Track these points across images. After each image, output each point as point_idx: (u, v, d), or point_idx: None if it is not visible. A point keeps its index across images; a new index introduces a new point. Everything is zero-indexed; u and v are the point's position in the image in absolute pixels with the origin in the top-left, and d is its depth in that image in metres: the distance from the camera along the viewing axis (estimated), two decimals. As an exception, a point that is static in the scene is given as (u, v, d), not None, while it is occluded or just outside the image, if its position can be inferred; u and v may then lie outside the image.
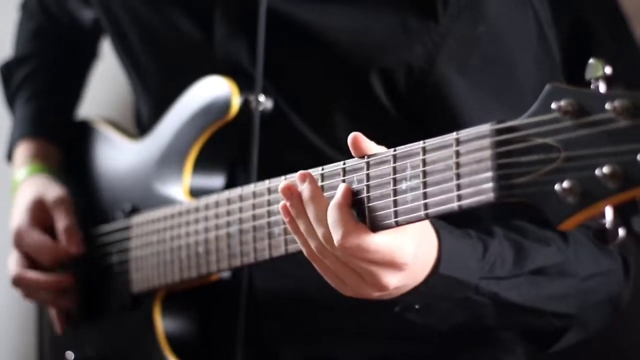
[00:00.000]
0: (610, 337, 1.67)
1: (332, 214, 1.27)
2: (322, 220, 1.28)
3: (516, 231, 1.50)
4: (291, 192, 1.31)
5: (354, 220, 1.27)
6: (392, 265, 1.28)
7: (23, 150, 1.98)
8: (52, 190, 1.86)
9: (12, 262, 1.84)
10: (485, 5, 1.53)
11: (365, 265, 1.27)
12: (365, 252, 1.26)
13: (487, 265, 1.43)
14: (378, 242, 1.26)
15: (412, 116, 1.56)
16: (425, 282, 1.35)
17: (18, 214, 1.86)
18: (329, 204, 1.28)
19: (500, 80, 1.54)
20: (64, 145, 1.99)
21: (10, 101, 2.09)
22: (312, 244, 1.30)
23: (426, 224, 1.32)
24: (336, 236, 1.26)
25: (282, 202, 1.32)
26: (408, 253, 1.28)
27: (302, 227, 1.31)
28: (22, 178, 1.93)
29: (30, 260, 1.83)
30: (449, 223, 1.40)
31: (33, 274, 1.82)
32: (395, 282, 1.29)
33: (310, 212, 1.29)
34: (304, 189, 1.30)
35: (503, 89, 1.54)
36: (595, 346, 1.61)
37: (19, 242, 1.84)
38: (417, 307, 1.41)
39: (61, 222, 1.82)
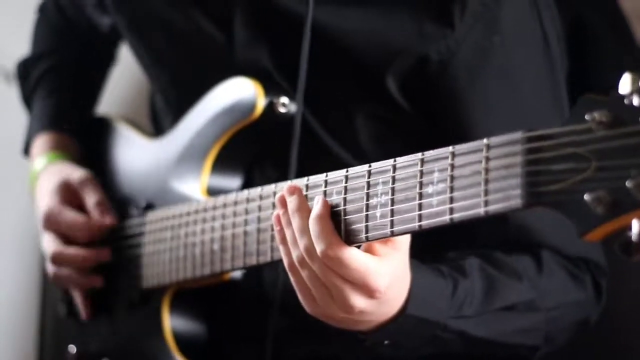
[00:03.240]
0: (610, 337, 1.67)
1: (314, 226, 1.31)
2: (305, 231, 1.32)
3: (492, 263, 1.52)
4: (284, 203, 1.35)
5: (336, 234, 1.30)
6: (365, 287, 1.30)
7: (41, 142, 1.98)
8: (77, 172, 1.86)
9: (48, 242, 1.82)
10: (500, 14, 1.54)
11: (338, 282, 1.30)
12: (342, 267, 1.29)
13: (456, 305, 1.46)
14: (357, 259, 1.29)
15: (429, 117, 1.57)
16: (393, 321, 1.38)
17: (45, 198, 1.85)
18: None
19: (508, 92, 1.56)
20: (82, 141, 1.99)
21: (27, 98, 2.08)
22: (294, 254, 1.34)
23: (406, 262, 1.35)
24: (320, 246, 1.29)
25: (275, 212, 1.36)
26: (383, 282, 1.30)
27: (288, 236, 1.34)
28: (41, 167, 1.93)
29: (65, 238, 1.82)
30: (426, 254, 1.43)
31: (73, 249, 1.80)
32: (362, 305, 1.32)
33: (295, 223, 1.33)
34: (291, 201, 1.34)
35: (510, 100, 1.56)
36: (595, 346, 1.62)
37: (52, 222, 1.82)
38: (386, 342, 1.43)
39: (91, 198, 1.82)
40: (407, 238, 1.33)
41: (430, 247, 1.52)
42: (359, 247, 1.32)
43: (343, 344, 1.64)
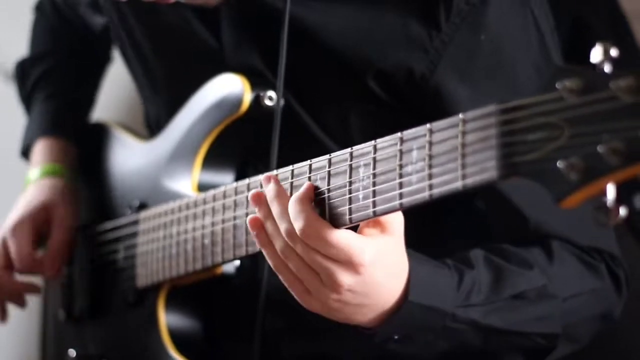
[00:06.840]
0: (610, 337, 1.67)
1: (292, 207, 1.33)
2: (285, 215, 1.33)
3: (499, 254, 1.52)
4: (259, 198, 1.37)
5: (315, 213, 1.32)
6: (349, 264, 1.31)
7: (40, 148, 2.00)
8: (65, 206, 1.90)
9: None
10: (486, 13, 1.54)
11: (322, 261, 1.31)
12: (324, 244, 1.30)
13: (463, 294, 1.45)
14: (337, 236, 1.30)
15: (420, 116, 1.58)
16: (397, 312, 1.38)
17: (23, 206, 1.88)
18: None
19: (500, 88, 1.55)
20: (79, 145, 2.01)
21: (26, 99, 2.11)
22: (278, 246, 1.35)
23: (398, 247, 1.35)
24: (297, 225, 1.31)
25: (249, 216, 1.38)
26: (366, 257, 1.31)
27: (269, 229, 1.36)
28: (35, 178, 1.95)
29: (8, 258, 1.87)
30: (431, 248, 1.44)
31: (8, 277, 1.88)
32: (349, 282, 1.32)
33: (275, 209, 1.35)
34: (269, 190, 1.36)
35: (503, 97, 1.55)
36: (595, 346, 1.61)
37: (10, 235, 1.86)
38: (396, 337, 1.43)
39: (56, 238, 1.87)
40: (399, 223, 1.34)
41: (441, 246, 1.53)
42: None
43: (341, 342, 1.65)
